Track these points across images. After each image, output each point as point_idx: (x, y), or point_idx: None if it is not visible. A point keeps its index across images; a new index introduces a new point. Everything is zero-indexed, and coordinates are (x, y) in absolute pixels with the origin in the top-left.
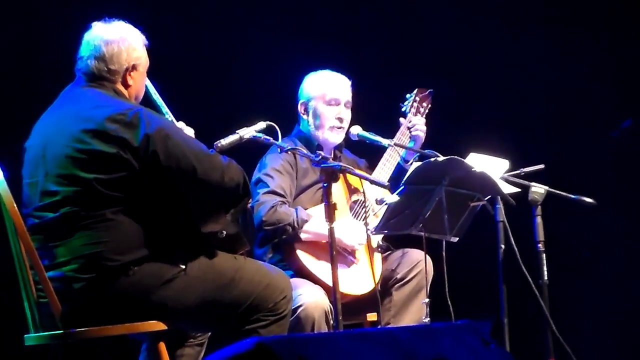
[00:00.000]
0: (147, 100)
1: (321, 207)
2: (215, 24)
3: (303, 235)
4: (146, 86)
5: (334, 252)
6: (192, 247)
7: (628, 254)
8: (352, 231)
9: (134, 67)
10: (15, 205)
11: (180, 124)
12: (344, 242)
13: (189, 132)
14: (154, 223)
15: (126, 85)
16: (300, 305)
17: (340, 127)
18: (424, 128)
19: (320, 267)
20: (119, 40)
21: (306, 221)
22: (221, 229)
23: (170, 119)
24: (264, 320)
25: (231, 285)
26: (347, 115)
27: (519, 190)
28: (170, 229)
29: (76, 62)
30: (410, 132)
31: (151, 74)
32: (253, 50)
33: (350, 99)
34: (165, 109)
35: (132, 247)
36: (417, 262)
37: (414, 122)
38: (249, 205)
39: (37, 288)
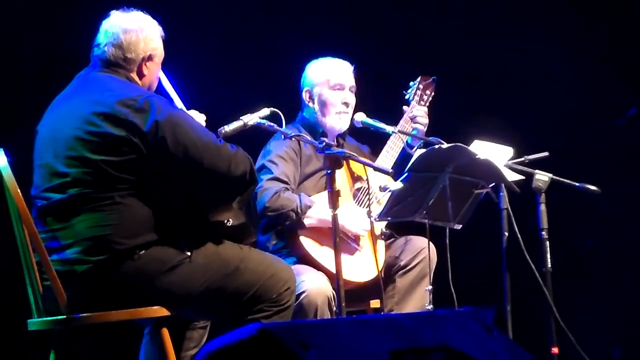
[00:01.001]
0: (159, 91)
1: (325, 194)
2: (222, 11)
3: (306, 221)
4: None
5: (338, 239)
6: (198, 234)
7: (632, 242)
8: (355, 217)
9: (150, 57)
10: (18, 190)
11: (192, 112)
12: (348, 228)
13: (201, 118)
14: (161, 209)
15: (141, 75)
16: (303, 292)
17: (346, 112)
18: (426, 120)
19: (323, 254)
20: (137, 29)
21: (309, 207)
22: (228, 218)
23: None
24: (267, 310)
25: (235, 274)
26: (352, 99)
27: (523, 177)
28: (177, 216)
29: (92, 49)
30: (412, 121)
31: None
32: (257, 37)
33: (354, 83)
34: (174, 92)
35: (139, 231)
36: (420, 249)
37: (415, 114)
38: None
39: (40, 272)
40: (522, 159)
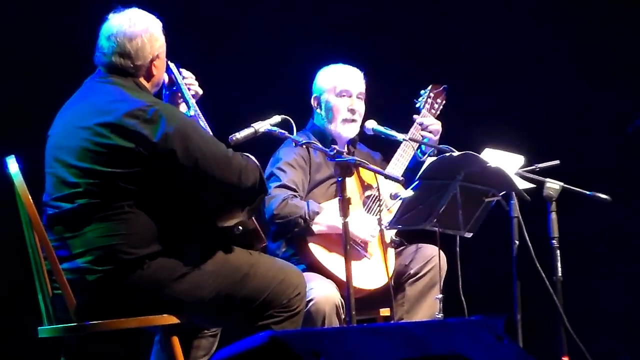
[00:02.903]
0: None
1: (334, 202)
2: (233, 19)
3: (315, 228)
4: (174, 75)
5: (348, 246)
6: (207, 242)
7: None
8: (364, 223)
9: (157, 56)
10: (30, 197)
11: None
12: (356, 234)
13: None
14: (169, 218)
15: (150, 76)
16: (311, 300)
17: (352, 120)
18: (436, 128)
19: (333, 262)
20: (141, 32)
21: (318, 213)
22: (237, 225)
23: (193, 111)
24: (278, 316)
25: (245, 280)
26: (359, 106)
27: (534, 186)
28: (186, 224)
29: (96, 55)
30: (422, 129)
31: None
32: (269, 44)
33: (363, 90)
34: (189, 97)
35: (148, 240)
36: (430, 257)
37: (426, 122)
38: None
39: (51, 280)
40: (533, 167)
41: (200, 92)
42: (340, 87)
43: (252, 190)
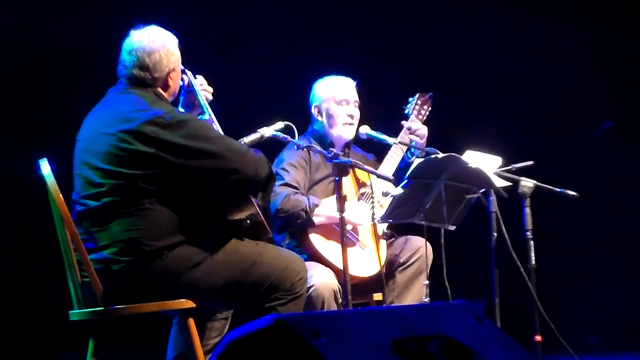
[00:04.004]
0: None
1: (332, 199)
2: (242, 36)
3: (315, 219)
4: (191, 83)
5: (345, 239)
6: (219, 234)
7: (605, 240)
8: (359, 211)
9: (173, 69)
10: (61, 196)
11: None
12: (352, 220)
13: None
14: (185, 213)
15: (166, 87)
16: (311, 286)
17: (351, 124)
18: (423, 132)
19: (331, 252)
20: (159, 48)
21: (317, 205)
22: (246, 219)
23: (207, 115)
24: (282, 299)
25: (253, 268)
26: (356, 112)
27: (510, 184)
28: (200, 218)
29: (118, 68)
30: (411, 134)
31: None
32: (273, 60)
33: (357, 98)
34: (204, 103)
35: (166, 233)
36: (418, 247)
37: (414, 127)
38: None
39: (80, 269)
40: (509, 167)
41: (211, 90)
42: (340, 97)
43: (266, 179)
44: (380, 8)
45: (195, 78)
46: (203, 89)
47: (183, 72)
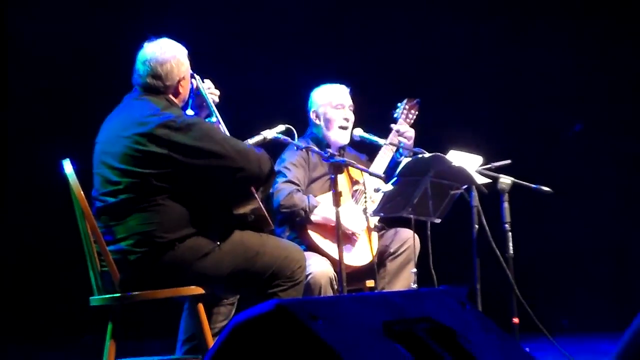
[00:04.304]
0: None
1: (329, 195)
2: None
3: (313, 218)
4: (199, 86)
5: (340, 231)
6: (225, 227)
7: (576, 232)
8: (354, 218)
9: (183, 78)
10: (82, 193)
11: (208, 81)
12: (347, 227)
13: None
14: (195, 208)
15: (177, 94)
16: (309, 274)
17: (346, 126)
18: (410, 134)
19: (327, 243)
20: (170, 59)
21: (315, 207)
22: (250, 212)
23: (215, 117)
24: (283, 285)
25: (256, 257)
26: (351, 116)
27: (490, 180)
28: (208, 213)
29: (133, 76)
30: (400, 135)
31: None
32: (273, 65)
33: (351, 103)
34: (212, 106)
35: (177, 227)
36: (406, 239)
37: (403, 130)
38: (270, 191)
39: (100, 259)
40: (489, 165)
41: (218, 93)
42: (336, 102)
43: (268, 175)
44: (372, 22)
45: (203, 82)
46: (210, 92)
47: (192, 76)
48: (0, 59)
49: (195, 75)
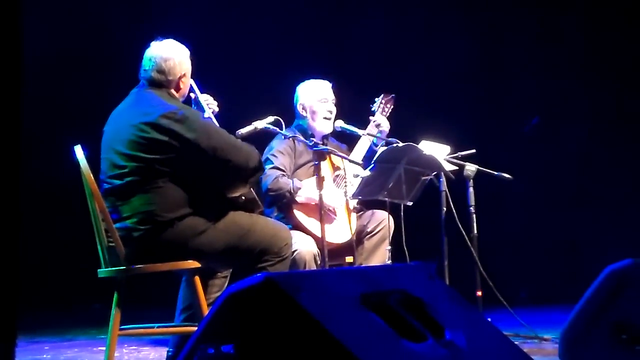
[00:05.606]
0: (189, 98)
1: (313, 180)
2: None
3: (298, 199)
4: (191, 87)
5: (323, 212)
6: (220, 208)
7: (533, 214)
8: (334, 196)
9: (184, 75)
10: (92, 176)
11: (206, 96)
12: (328, 204)
13: (213, 104)
14: (192, 190)
15: (178, 89)
16: (295, 250)
17: (329, 118)
18: (387, 126)
19: (311, 223)
20: (173, 56)
21: (299, 188)
22: (241, 195)
23: (207, 114)
24: (271, 260)
25: (247, 235)
26: (333, 108)
27: (457, 168)
28: (204, 195)
29: (140, 71)
30: (376, 127)
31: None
32: (263, 64)
33: (334, 97)
34: (204, 104)
35: (176, 207)
36: (382, 219)
37: (379, 122)
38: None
39: (107, 236)
40: (456, 154)
41: (216, 103)
42: (321, 96)
43: (254, 169)
44: (353, 25)
45: (197, 86)
46: (209, 104)
47: (191, 90)
48: (14, 57)
49: (194, 87)
